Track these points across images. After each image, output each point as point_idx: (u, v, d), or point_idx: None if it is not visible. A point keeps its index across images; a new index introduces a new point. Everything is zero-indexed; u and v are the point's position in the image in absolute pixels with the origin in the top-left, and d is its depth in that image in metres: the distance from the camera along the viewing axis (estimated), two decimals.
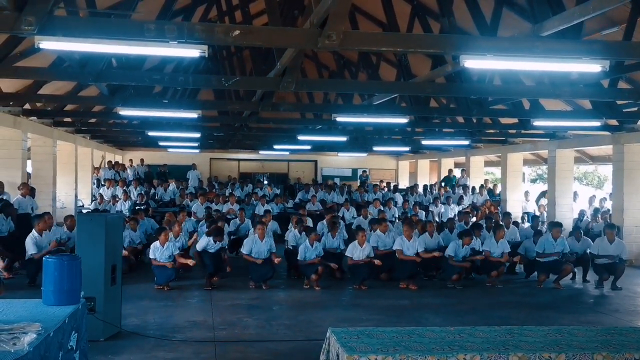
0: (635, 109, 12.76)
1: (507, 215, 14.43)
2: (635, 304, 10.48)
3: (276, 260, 10.85)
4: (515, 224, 14.28)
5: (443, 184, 23.18)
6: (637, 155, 14.88)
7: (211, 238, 11.03)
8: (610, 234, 11.71)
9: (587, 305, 10.33)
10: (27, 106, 14.42)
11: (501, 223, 13.07)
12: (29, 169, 16.68)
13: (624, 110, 12.77)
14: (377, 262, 11.00)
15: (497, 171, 29.07)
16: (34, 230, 10.63)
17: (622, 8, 8.63)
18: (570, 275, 12.21)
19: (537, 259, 11.79)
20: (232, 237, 13.63)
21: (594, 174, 39.29)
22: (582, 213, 16.99)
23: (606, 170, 32.59)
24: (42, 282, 5.19)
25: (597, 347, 5.05)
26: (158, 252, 10.53)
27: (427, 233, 12.22)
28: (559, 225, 12.18)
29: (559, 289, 11.34)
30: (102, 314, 6.99)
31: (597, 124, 13.33)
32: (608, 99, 11.89)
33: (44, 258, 5.37)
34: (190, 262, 10.75)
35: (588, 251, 12.01)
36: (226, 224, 13.24)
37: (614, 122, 14.24)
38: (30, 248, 10.43)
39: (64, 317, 4.65)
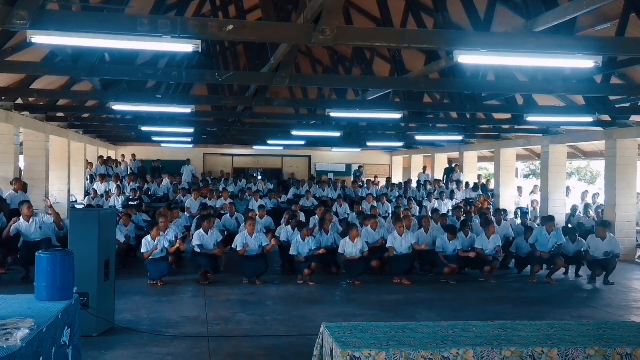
0: (628, 104, 12.83)
1: (498, 211, 14.40)
2: (628, 298, 10.54)
3: (273, 242, 10.92)
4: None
5: (445, 176, 23.28)
6: (629, 150, 14.95)
7: (201, 230, 10.99)
8: (601, 231, 11.75)
9: (580, 300, 10.38)
10: (19, 101, 14.35)
11: (491, 218, 13.10)
12: (22, 164, 16.61)
13: (616, 106, 12.84)
14: (366, 253, 11.08)
15: (490, 167, 29.14)
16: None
17: (615, 4, 8.66)
18: (563, 270, 12.28)
19: (534, 251, 11.80)
20: (225, 233, 13.61)
21: (587, 169, 39.45)
22: (574, 208, 17.04)
23: (599, 165, 32.72)
24: (35, 277, 5.17)
25: (589, 341, 5.07)
26: (150, 246, 10.53)
27: (422, 229, 12.24)
28: (552, 219, 12.19)
29: (552, 284, 11.39)
30: (95, 310, 6.97)
31: (590, 119, 13.39)
32: (601, 94, 11.95)
33: (36, 254, 5.35)
34: (181, 246, 10.84)
35: (582, 249, 12.05)
36: (218, 219, 13.18)
37: (606, 117, 14.30)
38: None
39: (57, 312, 4.64)
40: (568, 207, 17.50)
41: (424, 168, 25.98)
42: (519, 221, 14.55)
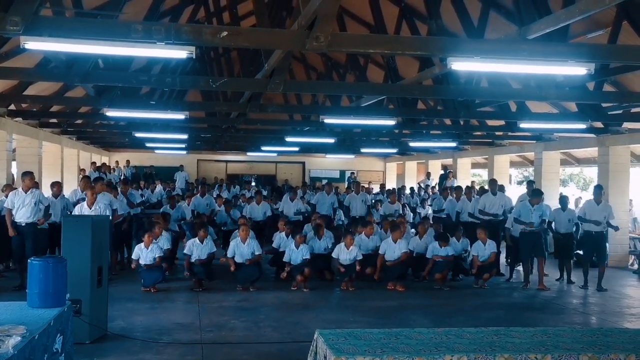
0: (620, 111, 12.89)
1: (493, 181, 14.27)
2: (620, 305, 10.56)
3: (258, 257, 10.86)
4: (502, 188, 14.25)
5: (437, 182, 23.32)
6: (621, 157, 15.01)
7: (196, 239, 10.95)
8: (598, 194, 11.80)
9: (573, 307, 10.40)
10: (12, 107, 14.30)
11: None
12: (14, 171, 16.53)
13: (609, 112, 12.90)
14: (357, 268, 11.04)
15: (484, 173, 29.18)
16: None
17: (607, 11, 8.71)
18: (558, 275, 12.32)
19: (516, 223, 11.80)
20: (222, 228, 13.90)
21: (580, 176, 39.63)
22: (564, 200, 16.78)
23: (591, 172, 32.84)
24: (27, 284, 5.15)
25: (582, 348, 5.08)
26: (142, 253, 10.49)
27: (417, 235, 12.24)
28: (540, 194, 12.13)
29: (545, 290, 11.39)
30: (88, 317, 6.93)
31: (582, 126, 13.45)
32: (593, 101, 12.00)
33: (29, 260, 5.32)
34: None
35: (574, 220, 12.09)
36: (211, 227, 13.18)
37: (599, 124, 14.37)
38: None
39: (49, 319, 4.61)
40: None
41: (428, 174, 25.94)
42: None
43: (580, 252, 12.50)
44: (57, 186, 11.73)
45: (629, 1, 8.15)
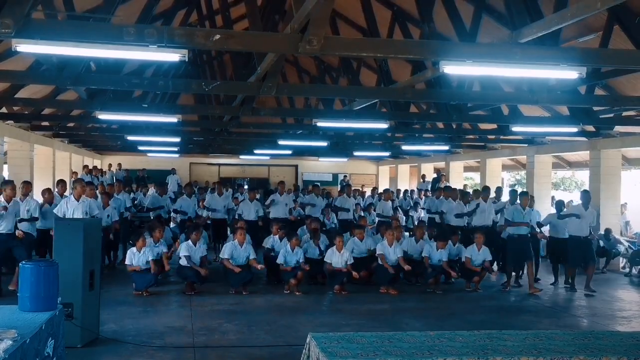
0: (612, 115, 12.95)
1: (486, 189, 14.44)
2: (612, 308, 10.60)
3: (259, 267, 10.83)
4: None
5: (429, 186, 23.36)
6: (613, 160, 15.09)
7: (189, 241, 10.92)
8: (586, 198, 11.90)
9: (565, 310, 10.43)
10: (3, 110, 14.22)
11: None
12: (6, 174, 16.44)
13: (600, 116, 12.95)
14: (354, 274, 10.93)
15: (476, 176, 29.26)
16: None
17: (598, 16, 8.76)
18: (553, 279, 12.34)
19: (507, 225, 11.78)
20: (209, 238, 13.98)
21: (572, 179, 39.81)
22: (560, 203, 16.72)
23: (583, 175, 33.00)
24: (19, 287, 5.12)
25: (574, 351, 5.10)
26: (135, 257, 10.44)
27: (413, 238, 12.26)
28: (526, 194, 12.19)
29: (537, 293, 11.41)
30: (79, 320, 6.90)
31: (574, 130, 13.51)
32: (585, 105, 12.07)
33: (20, 264, 5.29)
34: (166, 265, 10.74)
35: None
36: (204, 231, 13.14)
37: (590, 128, 14.43)
38: None
39: (41, 323, 4.59)
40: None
41: (423, 176, 25.95)
42: None
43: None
44: (48, 193, 11.68)
45: (620, 6, 8.19)
